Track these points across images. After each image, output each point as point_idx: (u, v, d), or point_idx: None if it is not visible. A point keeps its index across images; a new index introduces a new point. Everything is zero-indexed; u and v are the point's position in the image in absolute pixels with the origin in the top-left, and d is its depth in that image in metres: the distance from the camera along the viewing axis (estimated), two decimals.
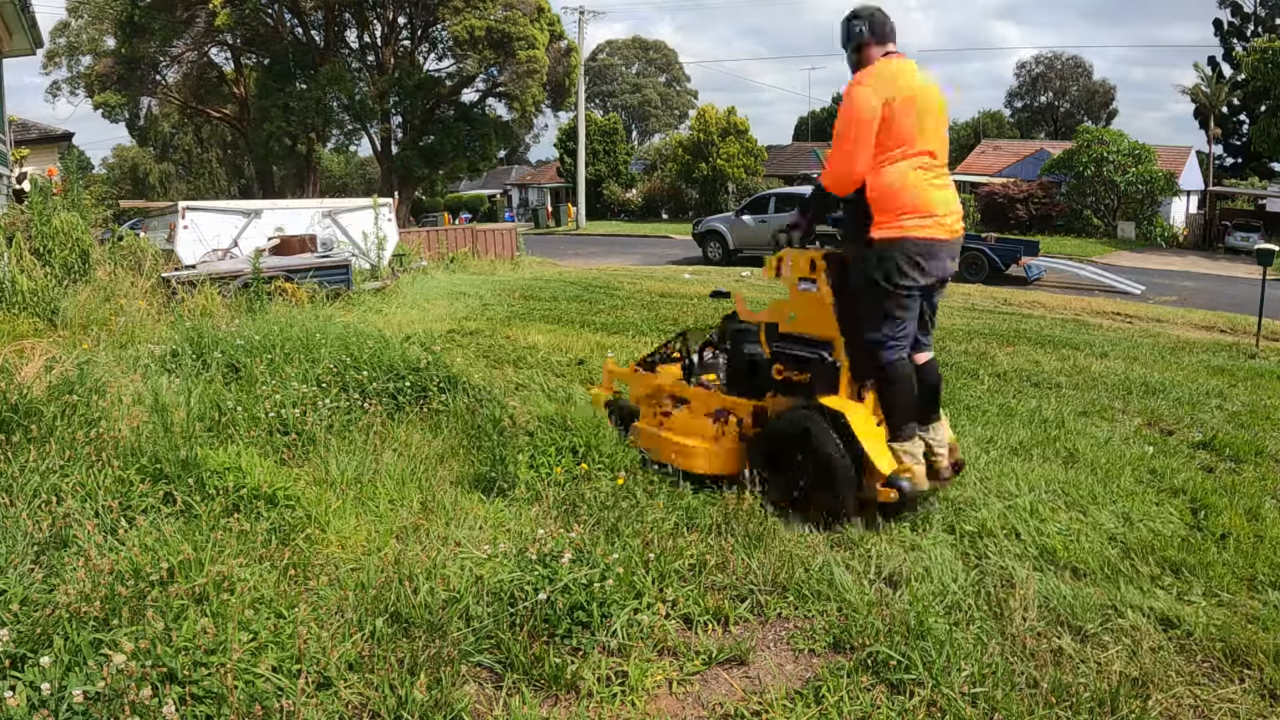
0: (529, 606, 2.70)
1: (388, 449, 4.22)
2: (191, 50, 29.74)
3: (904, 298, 3.56)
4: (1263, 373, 7.72)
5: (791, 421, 3.72)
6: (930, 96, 3.60)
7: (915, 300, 3.61)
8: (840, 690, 2.48)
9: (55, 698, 2.08)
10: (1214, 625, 2.85)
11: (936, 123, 3.63)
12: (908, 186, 3.51)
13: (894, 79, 3.52)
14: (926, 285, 3.62)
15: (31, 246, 7.93)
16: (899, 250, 3.51)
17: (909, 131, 3.50)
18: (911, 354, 3.72)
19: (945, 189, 3.65)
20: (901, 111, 3.47)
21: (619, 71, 66.46)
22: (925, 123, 3.55)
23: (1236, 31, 38.95)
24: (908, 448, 3.61)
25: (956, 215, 3.66)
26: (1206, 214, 30.99)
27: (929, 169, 3.57)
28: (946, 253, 3.63)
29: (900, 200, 3.51)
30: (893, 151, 3.51)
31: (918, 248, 3.51)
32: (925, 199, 3.53)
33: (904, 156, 3.52)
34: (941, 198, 3.60)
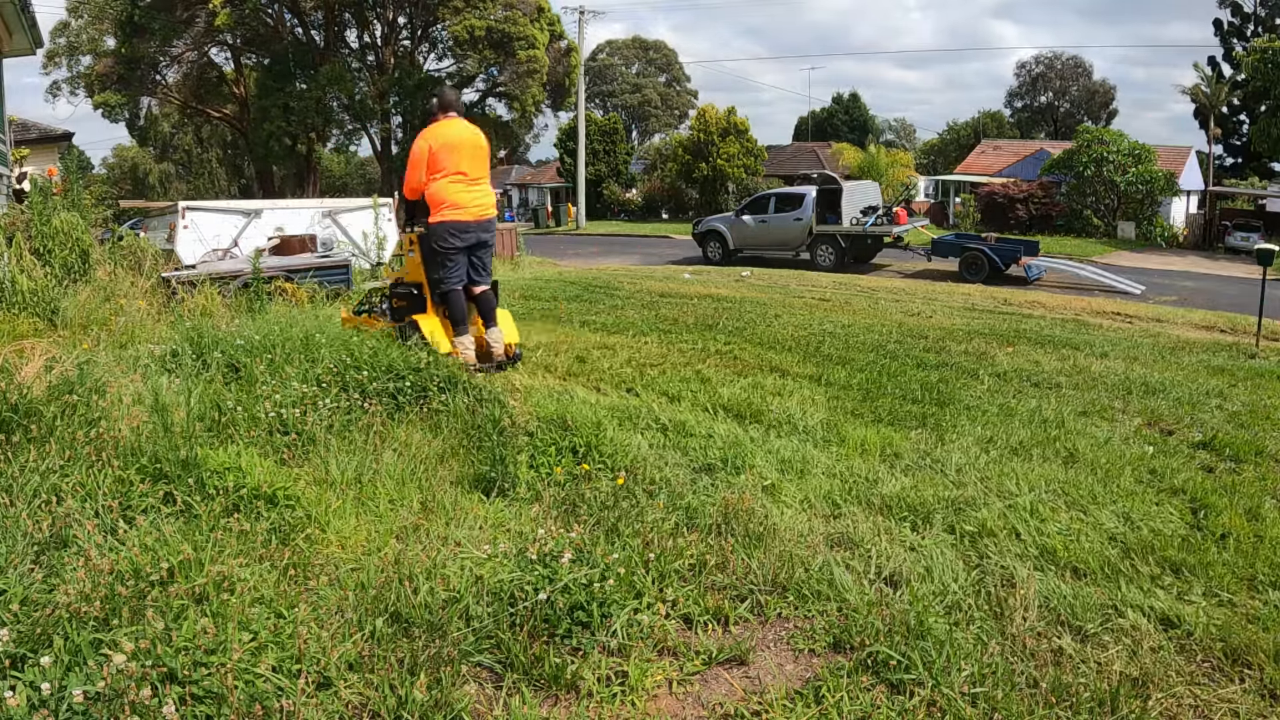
0: (529, 606, 2.69)
1: (388, 449, 4.22)
2: (191, 50, 29.76)
3: (449, 255, 5.82)
4: (1263, 373, 7.72)
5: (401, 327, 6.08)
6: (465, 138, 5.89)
7: (459, 255, 5.85)
8: (840, 690, 2.48)
9: (55, 698, 2.08)
10: (1214, 625, 2.85)
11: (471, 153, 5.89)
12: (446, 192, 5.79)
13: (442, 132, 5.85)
14: (464, 247, 5.84)
15: (31, 246, 7.93)
16: (443, 228, 5.80)
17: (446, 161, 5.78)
18: (470, 287, 5.98)
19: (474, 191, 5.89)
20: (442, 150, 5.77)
21: (619, 71, 66.45)
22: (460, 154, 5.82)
23: (1236, 31, 38.96)
24: (462, 340, 5.90)
25: (483, 206, 5.95)
26: (1206, 214, 30.99)
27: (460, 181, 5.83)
28: (477, 228, 5.89)
29: (442, 200, 5.79)
30: (436, 174, 5.78)
31: (454, 226, 5.80)
32: (457, 198, 5.80)
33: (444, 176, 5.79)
34: (470, 197, 5.85)
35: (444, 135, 5.82)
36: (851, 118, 57.49)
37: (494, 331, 6.05)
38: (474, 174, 5.87)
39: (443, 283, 5.89)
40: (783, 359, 7.28)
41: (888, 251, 21.35)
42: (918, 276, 19.10)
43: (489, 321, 6.05)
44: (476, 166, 5.90)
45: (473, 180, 5.86)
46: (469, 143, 5.91)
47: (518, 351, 6.27)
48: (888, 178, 32.35)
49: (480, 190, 5.93)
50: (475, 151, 5.92)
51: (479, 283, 6.02)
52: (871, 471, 4.28)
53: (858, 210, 20.31)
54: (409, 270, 6.32)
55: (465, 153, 5.84)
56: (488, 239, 6.01)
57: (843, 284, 16.14)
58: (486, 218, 5.98)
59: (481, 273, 6.03)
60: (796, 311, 11.00)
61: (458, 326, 5.91)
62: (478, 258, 5.98)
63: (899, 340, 8.68)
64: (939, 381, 6.55)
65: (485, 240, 5.98)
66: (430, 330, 5.83)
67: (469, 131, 5.98)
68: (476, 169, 5.90)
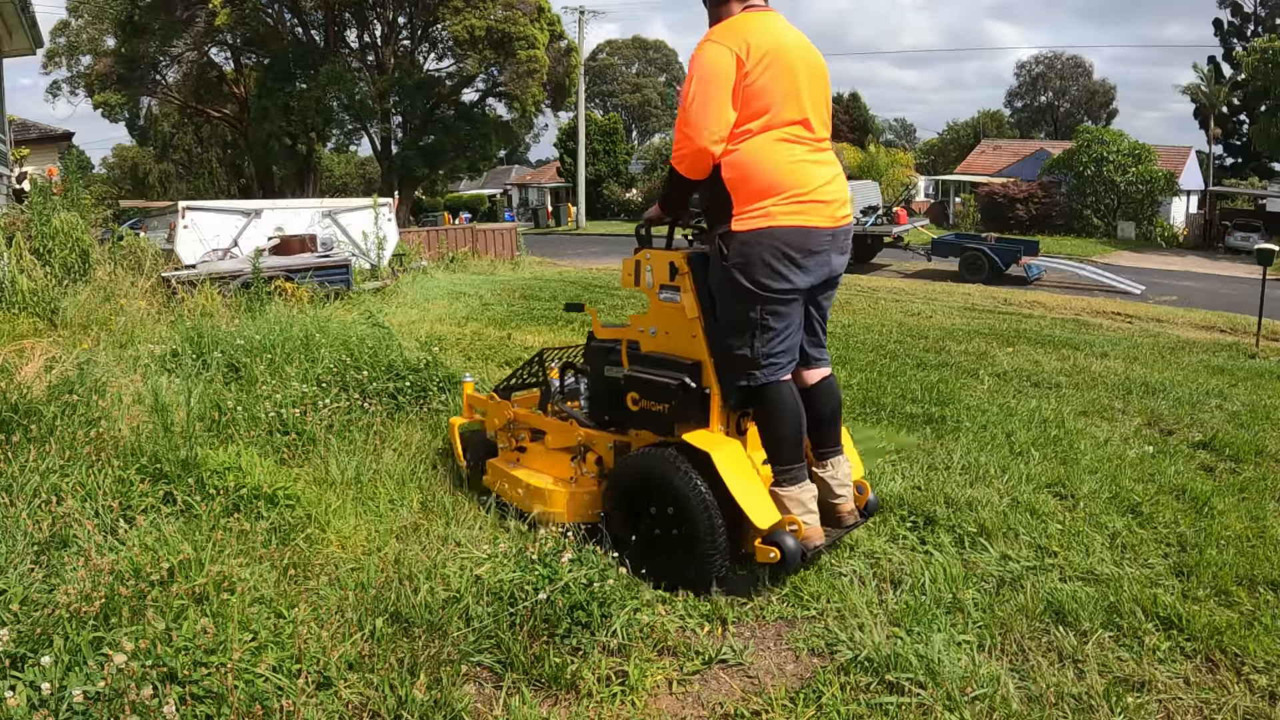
0: (529, 606, 2.70)
1: (388, 449, 4.22)
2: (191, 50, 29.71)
3: (782, 301, 2.87)
4: (1263, 373, 7.72)
5: (644, 464, 3.00)
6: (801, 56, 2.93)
7: (798, 305, 2.95)
8: (840, 691, 2.48)
9: (55, 698, 2.08)
10: (1214, 625, 2.85)
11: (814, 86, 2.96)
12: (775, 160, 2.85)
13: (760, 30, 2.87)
14: (808, 287, 2.94)
15: (31, 246, 7.93)
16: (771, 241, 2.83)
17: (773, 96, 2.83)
18: (802, 373, 3.10)
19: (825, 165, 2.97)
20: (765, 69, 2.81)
21: (619, 71, 66.44)
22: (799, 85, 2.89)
23: (1236, 31, 38.95)
24: (797, 496, 2.91)
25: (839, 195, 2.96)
26: (1206, 214, 31.00)
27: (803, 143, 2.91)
28: (831, 243, 2.94)
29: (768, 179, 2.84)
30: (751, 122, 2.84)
31: (796, 238, 2.84)
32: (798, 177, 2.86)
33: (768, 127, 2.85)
34: (820, 176, 2.92)
35: (765, 39, 2.85)
36: (851, 117, 57.41)
37: (840, 463, 3.16)
38: (821, 131, 2.99)
39: (764, 365, 2.89)
40: None
41: (888, 251, 21.35)
42: (918, 276, 19.10)
43: (830, 443, 3.15)
44: (823, 116, 3.01)
45: (819, 142, 2.98)
46: (810, 64, 2.96)
47: (874, 497, 3.32)
48: (888, 178, 32.36)
49: (830, 165, 2.99)
50: (820, 84, 3.00)
51: (818, 361, 3.17)
52: (871, 471, 4.28)
53: (858, 210, 20.31)
54: (667, 331, 3.15)
55: (805, 84, 2.91)
56: (839, 270, 3.07)
57: (843, 284, 16.14)
58: (848, 221, 3.03)
59: (821, 338, 3.18)
60: None
61: (788, 464, 2.93)
62: (819, 307, 3.14)
63: (899, 340, 8.68)
64: (939, 381, 6.55)
65: (836, 275, 3.07)
66: (741, 480, 2.83)
67: (803, 42, 3.00)
68: (823, 121, 3.01)
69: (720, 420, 3.04)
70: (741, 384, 2.92)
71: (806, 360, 3.11)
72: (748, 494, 2.81)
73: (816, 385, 3.12)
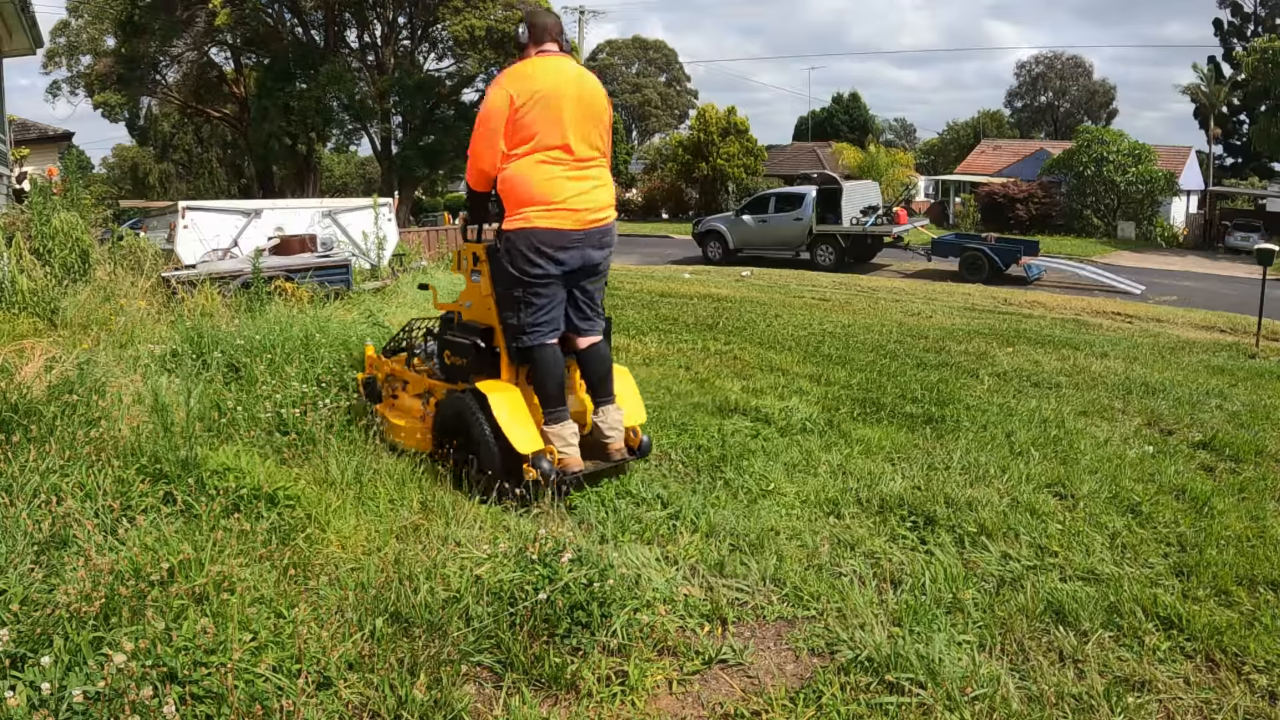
0: (529, 606, 2.70)
1: (388, 449, 4.22)
2: (191, 50, 29.71)
3: (539, 285, 3.64)
4: (1263, 373, 7.72)
5: (451, 404, 3.89)
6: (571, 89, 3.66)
7: (554, 287, 3.68)
8: (840, 691, 2.48)
9: (55, 697, 2.08)
10: (1214, 625, 2.85)
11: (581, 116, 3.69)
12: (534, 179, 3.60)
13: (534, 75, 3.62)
14: (562, 273, 3.69)
15: (31, 246, 7.92)
16: (526, 240, 3.62)
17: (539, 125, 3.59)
18: (572, 338, 3.85)
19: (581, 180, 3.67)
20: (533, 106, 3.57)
21: (619, 71, 66.44)
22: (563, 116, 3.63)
23: (1236, 31, 38.96)
24: (558, 431, 3.67)
25: (595, 205, 3.70)
26: (1206, 214, 31.01)
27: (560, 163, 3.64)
28: (583, 241, 3.69)
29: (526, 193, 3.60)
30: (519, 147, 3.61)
31: (546, 238, 3.61)
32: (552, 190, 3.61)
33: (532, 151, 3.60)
34: (574, 189, 3.64)
35: (538, 79, 3.57)
36: (851, 117, 57.46)
37: (610, 411, 3.85)
38: (583, 151, 3.67)
39: (526, 332, 3.68)
40: (783, 359, 7.27)
41: (888, 251, 21.36)
42: (918, 276, 19.10)
43: (601, 393, 3.86)
44: (589, 139, 3.70)
45: (580, 162, 3.66)
46: (580, 96, 3.66)
47: (645, 439, 4.00)
48: (888, 178, 32.38)
49: (592, 178, 3.71)
50: (588, 111, 3.70)
51: (587, 331, 3.85)
52: (872, 471, 4.28)
53: (858, 210, 20.33)
54: (472, 304, 4.07)
55: (572, 114, 3.62)
56: (599, 261, 3.80)
57: (843, 284, 16.14)
58: (600, 224, 3.74)
59: (589, 315, 3.85)
60: (796, 311, 10.99)
61: (552, 407, 3.70)
62: (584, 291, 3.82)
63: (899, 340, 8.68)
64: (939, 381, 6.55)
65: (595, 263, 3.78)
66: (508, 413, 3.60)
67: (577, 76, 3.71)
68: (588, 143, 3.70)
69: (510, 373, 3.84)
70: (514, 345, 3.76)
71: (578, 330, 3.85)
72: (513, 427, 3.58)
73: (587, 350, 3.87)
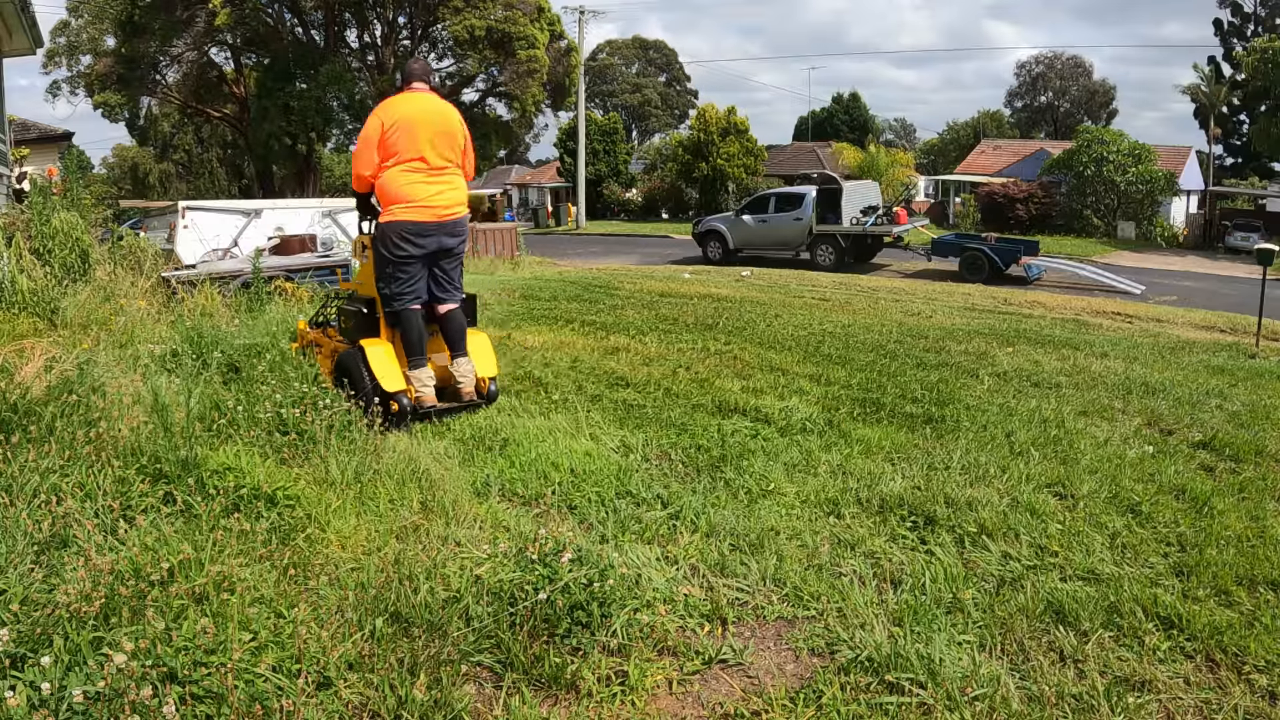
0: (529, 606, 2.69)
1: (388, 449, 4.22)
2: (191, 50, 29.71)
3: (403, 264, 4.71)
4: (1263, 373, 7.72)
5: (344, 355, 5.02)
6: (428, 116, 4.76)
7: (415, 266, 4.76)
8: (840, 691, 2.48)
9: (55, 697, 2.08)
10: (1214, 625, 2.85)
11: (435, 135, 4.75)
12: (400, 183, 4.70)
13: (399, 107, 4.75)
14: (421, 255, 4.76)
15: (31, 246, 7.92)
16: (394, 230, 4.71)
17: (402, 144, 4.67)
18: (433, 306, 4.91)
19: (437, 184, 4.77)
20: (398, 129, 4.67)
21: (619, 71, 66.44)
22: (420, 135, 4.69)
23: (1236, 31, 38.96)
24: (417, 375, 4.75)
25: (448, 203, 4.81)
26: (1206, 214, 31.00)
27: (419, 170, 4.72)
28: (438, 230, 4.78)
29: (394, 194, 4.71)
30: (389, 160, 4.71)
31: (408, 228, 4.70)
32: (413, 192, 4.70)
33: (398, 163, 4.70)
34: (430, 191, 4.74)
35: (400, 111, 4.69)
36: (851, 117, 57.49)
37: (462, 363, 4.88)
38: (437, 161, 4.73)
39: (394, 300, 4.74)
40: (783, 359, 7.27)
41: (888, 251, 21.36)
42: (918, 276, 19.10)
43: (456, 349, 4.91)
44: (442, 152, 4.76)
45: (435, 170, 4.73)
46: (433, 122, 4.74)
47: (493, 387, 5.03)
48: (888, 177, 32.38)
49: (446, 183, 4.78)
50: (442, 133, 4.77)
51: (445, 300, 4.91)
52: (872, 471, 4.28)
53: (858, 210, 20.33)
54: (362, 281, 5.20)
55: (427, 134, 4.68)
56: (454, 246, 4.87)
57: (843, 284, 16.14)
58: (452, 218, 4.80)
59: (447, 287, 4.91)
60: (796, 311, 11.00)
61: (413, 356, 4.75)
62: (442, 269, 4.87)
63: (899, 340, 8.68)
64: (939, 381, 6.55)
65: (451, 247, 4.85)
66: (378, 361, 4.69)
67: (434, 107, 4.82)
68: (442, 155, 4.76)
69: (386, 334, 4.94)
70: (388, 310, 4.86)
71: (438, 300, 4.92)
72: (381, 370, 4.69)
73: (445, 315, 4.94)
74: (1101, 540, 3.54)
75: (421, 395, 4.71)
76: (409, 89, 4.88)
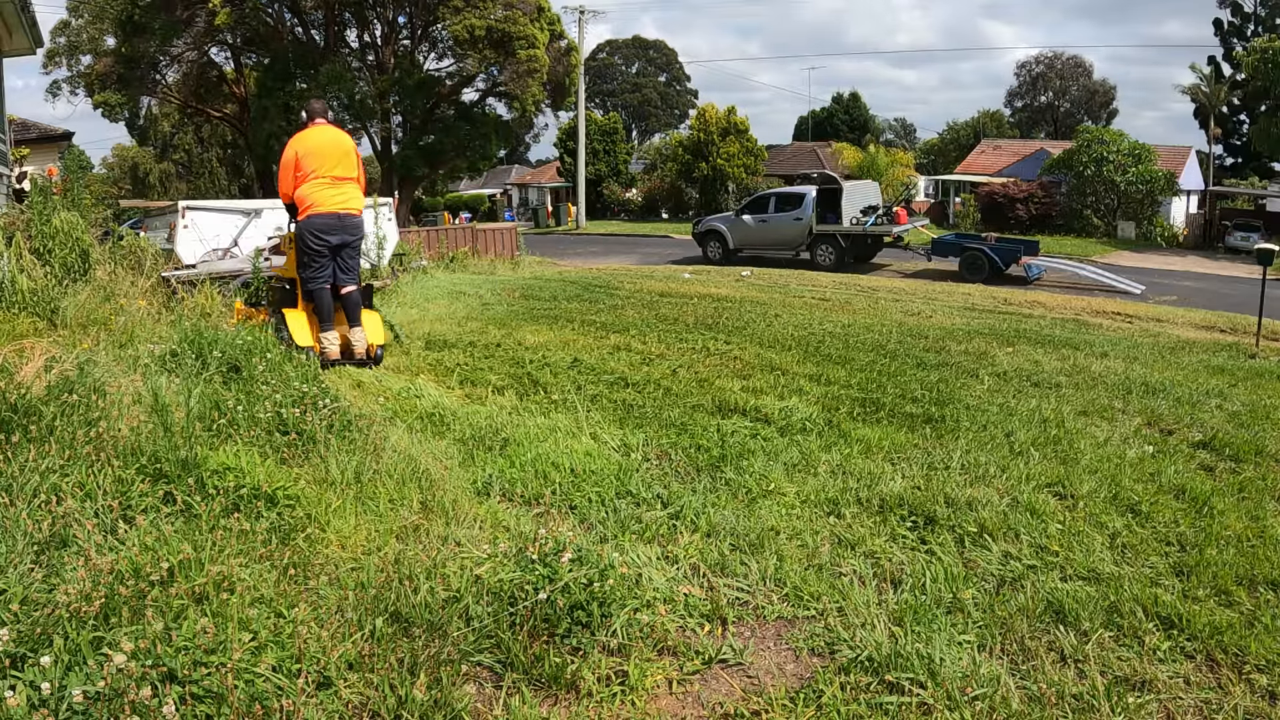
0: (529, 606, 2.69)
1: (388, 449, 4.21)
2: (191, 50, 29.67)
3: (314, 254, 6.29)
4: (1263, 373, 7.72)
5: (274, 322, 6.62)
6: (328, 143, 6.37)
7: (323, 255, 6.29)
8: (840, 690, 2.48)
9: (55, 697, 2.08)
10: (1214, 625, 2.85)
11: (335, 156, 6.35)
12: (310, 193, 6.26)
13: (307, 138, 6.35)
14: (327, 246, 6.29)
15: (31, 246, 7.92)
16: (306, 227, 6.26)
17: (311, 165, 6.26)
18: (338, 287, 6.41)
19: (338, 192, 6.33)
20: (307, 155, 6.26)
21: (619, 71, 66.44)
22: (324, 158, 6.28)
23: (1236, 31, 38.94)
24: (326, 336, 6.33)
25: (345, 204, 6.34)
26: (1206, 214, 30.97)
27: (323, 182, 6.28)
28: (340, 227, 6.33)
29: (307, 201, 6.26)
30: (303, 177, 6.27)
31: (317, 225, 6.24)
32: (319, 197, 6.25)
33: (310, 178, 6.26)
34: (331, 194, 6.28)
35: (309, 141, 6.29)
36: (851, 117, 57.49)
37: (356, 331, 6.45)
38: (335, 172, 6.28)
39: (309, 281, 6.34)
40: (783, 359, 7.27)
41: (888, 251, 21.35)
42: (918, 276, 19.10)
43: (352, 321, 6.44)
44: (341, 168, 6.32)
45: (336, 180, 6.29)
46: (332, 147, 6.36)
47: (379, 351, 6.62)
48: (888, 177, 32.36)
49: (344, 191, 6.31)
50: (339, 154, 6.35)
51: (345, 283, 6.44)
52: (872, 471, 4.28)
53: (858, 210, 20.31)
54: (287, 266, 6.82)
55: (329, 156, 6.28)
56: (352, 240, 6.41)
57: (843, 284, 16.14)
58: (348, 214, 6.34)
59: (345, 274, 6.43)
60: (796, 311, 10.99)
61: (323, 323, 6.32)
62: (343, 259, 6.39)
63: (899, 340, 8.68)
64: (939, 381, 6.55)
65: (349, 241, 6.39)
66: (294, 324, 6.38)
67: (332, 136, 6.47)
68: (341, 170, 6.31)
69: (302, 305, 6.55)
70: (305, 289, 6.43)
71: (341, 282, 6.44)
72: (296, 330, 6.34)
73: (344, 295, 6.46)
74: (1101, 540, 3.54)
75: (327, 351, 6.24)
76: (313, 124, 6.41)
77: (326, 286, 6.32)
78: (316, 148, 6.26)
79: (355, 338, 6.41)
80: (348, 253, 6.42)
